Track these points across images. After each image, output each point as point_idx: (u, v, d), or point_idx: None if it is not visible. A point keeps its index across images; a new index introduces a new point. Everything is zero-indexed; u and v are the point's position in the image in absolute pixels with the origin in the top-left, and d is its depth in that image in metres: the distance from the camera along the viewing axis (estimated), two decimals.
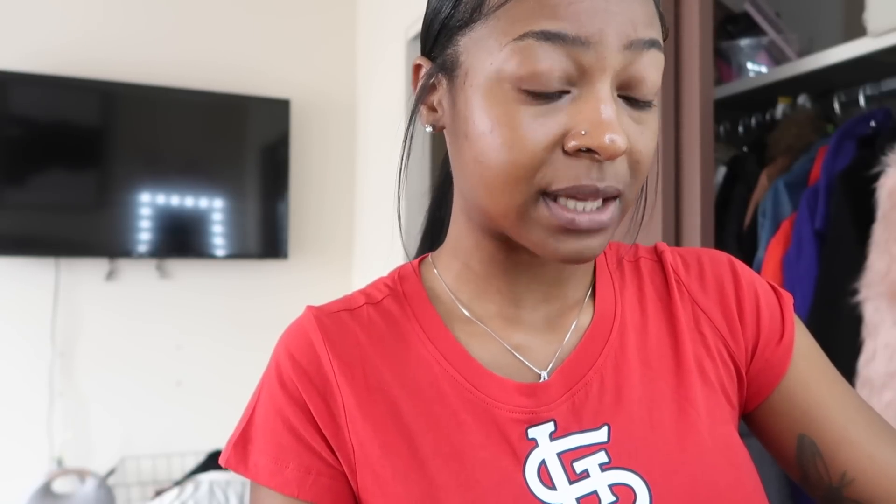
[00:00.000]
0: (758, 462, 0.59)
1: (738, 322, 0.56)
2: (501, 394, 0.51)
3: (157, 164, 2.72)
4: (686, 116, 1.14)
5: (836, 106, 1.27)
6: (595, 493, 0.47)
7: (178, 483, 2.37)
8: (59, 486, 2.49)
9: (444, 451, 0.49)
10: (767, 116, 1.40)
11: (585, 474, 0.48)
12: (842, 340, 1.04)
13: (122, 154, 2.68)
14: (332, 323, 0.54)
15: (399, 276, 0.59)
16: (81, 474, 2.47)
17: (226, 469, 2.51)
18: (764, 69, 1.41)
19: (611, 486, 0.48)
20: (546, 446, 0.49)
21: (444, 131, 0.54)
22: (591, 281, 0.58)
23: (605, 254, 0.60)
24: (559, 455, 0.49)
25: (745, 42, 1.44)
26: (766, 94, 1.35)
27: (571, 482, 0.48)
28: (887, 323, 0.97)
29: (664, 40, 0.49)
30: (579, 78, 0.45)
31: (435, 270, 0.58)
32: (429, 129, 0.54)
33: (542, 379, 0.52)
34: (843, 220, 1.09)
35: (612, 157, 0.44)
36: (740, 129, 1.46)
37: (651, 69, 0.46)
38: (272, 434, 0.51)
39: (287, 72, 3.00)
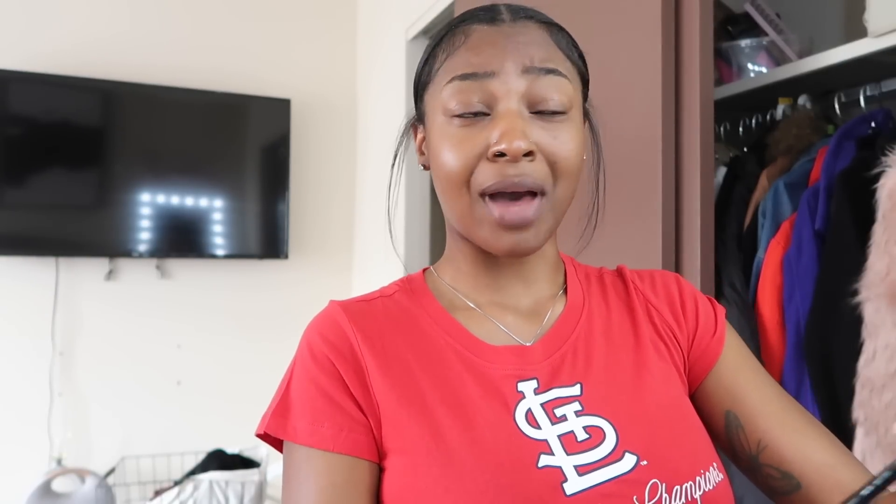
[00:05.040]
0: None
1: (682, 316, 0.70)
2: (495, 357, 0.63)
3: (157, 164, 2.72)
4: (686, 116, 1.14)
5: (837, 106, 1.27)
6: (572, 431, 0.58)
7: (178, 483, 2.37)
8: (59, 485, 2.49)
9: (448, 402, 0.59)
10: (768, 117, 1.39)
11: (564, 418, 0.59)
12: (842, 341, 1.04)
13: (122, 154, 2.68)
14: (354, 308, 0.65)
15: (407, 279, 0.71)
16: (81, 474, 2.47)
17: (233, 467, 2.47)
18: (764, 70, 1.41)
19: (585, 427, 0.59)
20: (531, 398, 0.60)
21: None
22: (562, 283, 0.71)
23: (574, 269, 0.73)
24: (542, 404, 0.60)
25: (745, 43, 1.44)
26: (766, 95, 1.35)
27: (553, 423, 0.59)
28: (887, 324, 0.97)
29: (586, 80, 0.67)
30: (492, 102, 0.60)
31: (435, 274, 0.72)
32: (422, 167, 0.70)
33: (527, 346, 0.65)
34: (844, 221, 1.09)
35: (516, 156, 0.58)
36: (740, 129, 1.46)
37: (551, 90, 0.61)
38: (308, 401, 0.60)
39: (287, 72, 3.00)
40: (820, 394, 1.10)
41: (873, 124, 1.19)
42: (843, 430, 1.01)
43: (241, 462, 2.51)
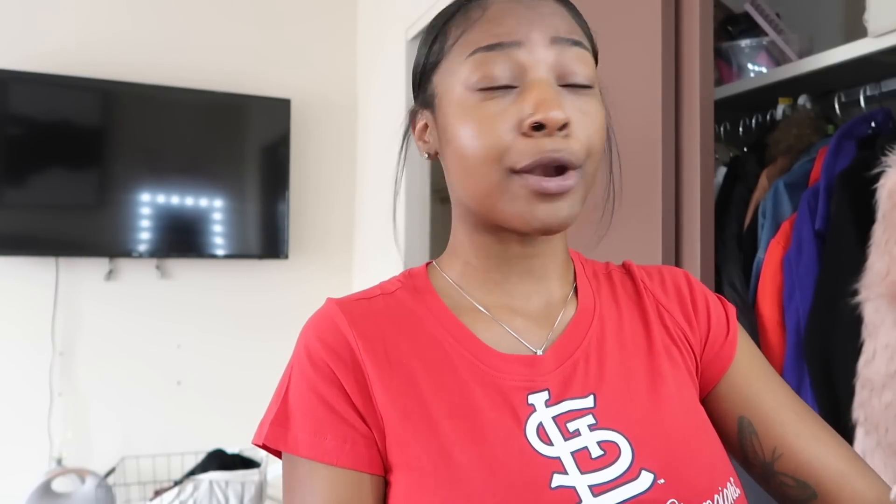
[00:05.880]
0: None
1: (694, 318, 0.67)
2: (504, 366, 0.59)
3: (157, 164, 2.72)
4: (686, 116, 1.14)
5: (837, 106, 1.27)
6: (586, 447, 0.55)
7: (178, 483, 2.37)
8: (59, 485, 2.49)
9: (456, 414, 0.56)
10: (768, 117, 1.39)
11: (577, 433, 0.56)
12: (842, 341, 1.04)
13: (122, 154, 2.68)
14: (353, 308, 0.61)
15: (409, 274, 0.67)
16: (81, 474, 2.47)
17: (233, 467, 2.48)
18: (764, 70, 1.41)
19: (599, 443, 0.56)
20: (542, 411, 0.57)
21: (438, 156, 0.65)
22: (572, 282, 0.68)
23: (582, 266, 0.70)
24: (554, 418, 0.57)
25: (745, 42, 1.44)
26: (766, 95, 1.35)
27: (566, 439, 0.55)
28: (887, 324, 0.97)
29: (595, 57, 0.63)
30: (521, 74, 0.56)
31: (439, 270, 0.67)
32: (425, 156, 0.66)
33: (538, 354, 0.61)
34: (844, 221, 1.09)
35: (555, 126, 0.54)
36: (740, 129, 1.46)
37: (578, 62, 0.57)
38: (309, 410, 0.57)
39: (287, 72, 3.00)
40: (820, 394, 1.10)
41: (873, 124, 1.19)
42: (843, 430, 1.01)
43: (241, 462, 2.51)
